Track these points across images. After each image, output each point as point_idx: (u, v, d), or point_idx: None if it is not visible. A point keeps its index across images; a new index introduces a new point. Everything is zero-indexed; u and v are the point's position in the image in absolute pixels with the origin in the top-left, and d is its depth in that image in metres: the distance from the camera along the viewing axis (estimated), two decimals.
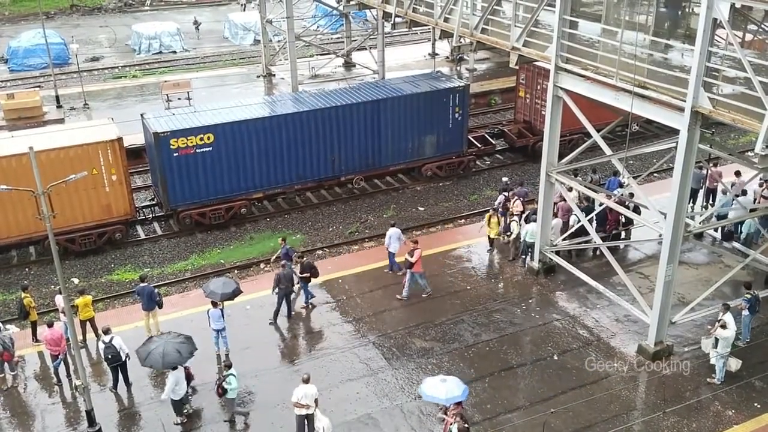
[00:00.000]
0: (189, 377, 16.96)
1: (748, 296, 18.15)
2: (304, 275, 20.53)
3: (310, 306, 20.91)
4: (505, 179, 26.10)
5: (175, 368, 16.18)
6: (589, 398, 17.06)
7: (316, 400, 15.57)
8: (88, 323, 19.38)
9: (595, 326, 19.84)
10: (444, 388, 14.73)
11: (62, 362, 17.83)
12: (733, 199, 22.38)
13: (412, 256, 20.68)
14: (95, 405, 16.26)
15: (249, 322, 20.27)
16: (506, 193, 24.31)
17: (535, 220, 22.13)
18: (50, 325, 17.75)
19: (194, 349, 16.65)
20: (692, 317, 18.69)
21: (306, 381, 15.62)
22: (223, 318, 18.62)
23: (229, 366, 16.48)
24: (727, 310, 17.37)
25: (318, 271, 20.96)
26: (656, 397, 17.27)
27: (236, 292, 19.02)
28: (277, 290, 20.07)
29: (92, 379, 17.85)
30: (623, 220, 22.73)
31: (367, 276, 22.43)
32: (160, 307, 19.66)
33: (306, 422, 15.69)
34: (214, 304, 18.52)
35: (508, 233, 23.03)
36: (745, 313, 18.22)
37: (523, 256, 22.64)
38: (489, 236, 23.46)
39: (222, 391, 16.27)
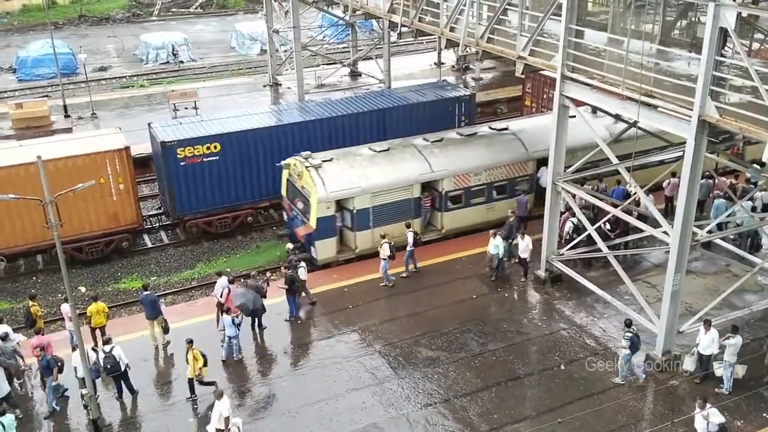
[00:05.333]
0: (11, 377, 17.05)
1: (629, 335, 17.43)
2: (283, 287, 20.30)
3: (291, 320, 20.55)
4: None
5: None
6: (597, 408, 16.93)
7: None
8: (98, 330, 19.36)
9: (602, 336, 19.75)
10: None
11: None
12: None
13: (221, 296, 19.44)
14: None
15: (257, 331, 20.24)
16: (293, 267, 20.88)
17: (501, 235, 22.03)
18: (37, 332, 18.36)
19: (20, 357, 17.25)
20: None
21: (221, 395, 15.51)
22: (234, 325, 18.60)
23: (2, 413, 15.13)
24: (710, 326, 17.36)
25: (297, 286, 20.41)
26: (664, 407, 17.15)
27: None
28: None
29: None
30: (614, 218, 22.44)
31: (373, 285, 22.37)
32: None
33: None
34: (227, 311, 18.50)
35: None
36: (626, 351, 17.53)
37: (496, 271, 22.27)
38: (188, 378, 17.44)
39: None
